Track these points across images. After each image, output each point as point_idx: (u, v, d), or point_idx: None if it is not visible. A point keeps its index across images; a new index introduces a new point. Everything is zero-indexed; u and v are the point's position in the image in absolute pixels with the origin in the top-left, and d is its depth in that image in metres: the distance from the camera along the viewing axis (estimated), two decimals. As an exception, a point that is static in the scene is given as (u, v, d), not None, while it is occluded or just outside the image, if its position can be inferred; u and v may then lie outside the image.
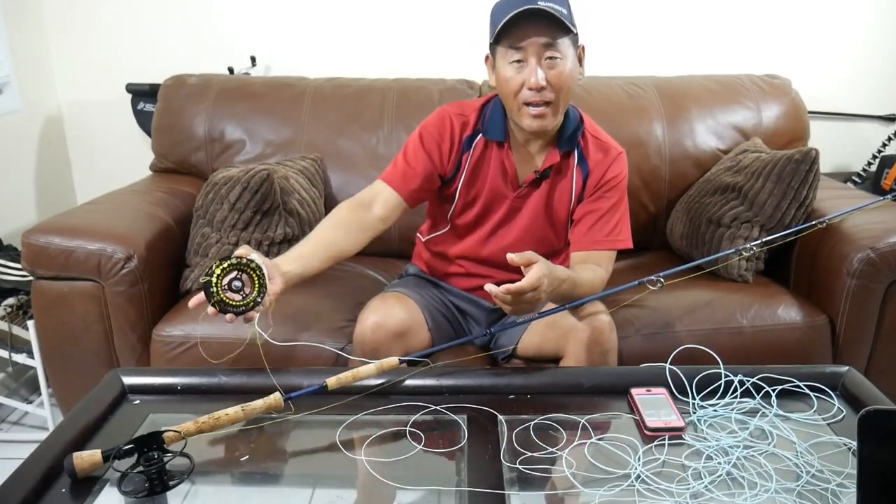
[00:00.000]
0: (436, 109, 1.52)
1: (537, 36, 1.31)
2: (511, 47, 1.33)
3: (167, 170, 2.19)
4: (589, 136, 1.49)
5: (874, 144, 2.41)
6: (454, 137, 1.48)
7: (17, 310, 1.95)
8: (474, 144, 1.48)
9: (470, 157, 1.48)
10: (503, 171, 1.48)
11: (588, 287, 1.38)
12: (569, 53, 1.35)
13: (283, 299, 1.72)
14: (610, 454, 1.02)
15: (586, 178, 1.48)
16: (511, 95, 1.37)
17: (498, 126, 1.46)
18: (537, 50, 1.32)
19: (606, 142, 1.51)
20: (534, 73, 1.32)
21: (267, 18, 2.38)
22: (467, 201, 1.52)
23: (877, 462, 0.77)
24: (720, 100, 2.14)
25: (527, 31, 1.31)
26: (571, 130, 1.46)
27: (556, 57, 1.33)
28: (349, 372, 1.14)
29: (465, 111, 1.50)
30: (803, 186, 1.73)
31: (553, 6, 1.30)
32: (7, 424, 2.08)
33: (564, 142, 1.45)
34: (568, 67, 1.35)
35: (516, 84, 1.35)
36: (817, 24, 2.38)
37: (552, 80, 1.33)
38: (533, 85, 1.33)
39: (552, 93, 1.34)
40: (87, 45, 2.40)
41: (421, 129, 1.50)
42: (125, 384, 1.18)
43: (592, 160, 1.47)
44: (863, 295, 1.63)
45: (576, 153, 1.48)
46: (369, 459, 1.02)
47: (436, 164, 1.48)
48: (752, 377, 1.17)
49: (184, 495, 0.95)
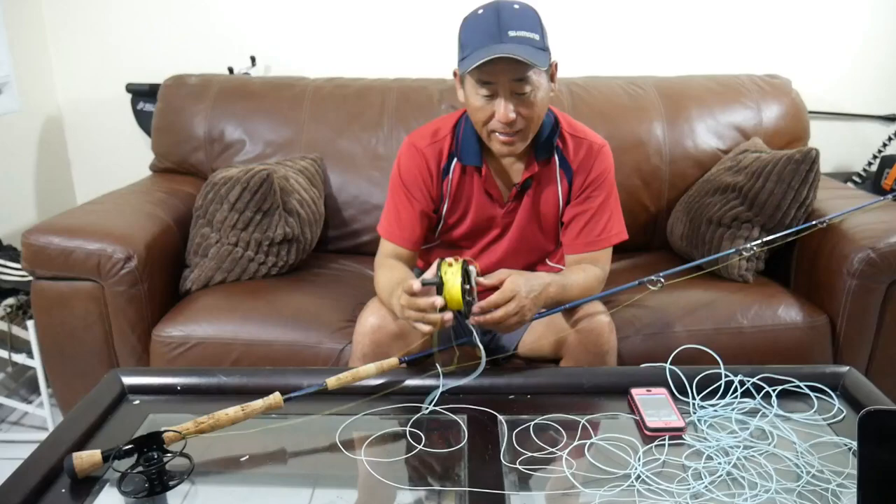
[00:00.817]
0: (404, 143, 1.49)
1: (508, 73, 1.26)
2: (480, 81, 1.29)
3: (167, 170, 2.19)
4: (567, 136, 1.46)
5: (874, 144, 2.41)
6: (431, 171, 1.46)
7: (17, 310, 1.95)
8: (452, 169, 1.47)
9: (450, 182, 1.47)
10: (487, 193, 1.47)
11: (580, 288, 1.37)
12: (541, 82, 1.30)
13: (284, 299, 1.73)
14: (610, 454, 1.02)
15: (571, 181, 1.46)
16: (480, 123, 1.35)
17: (472, 149, 1.43)
18: (507, 85, 1.28)
19: (585, 137, 1.47)
20: (503, 107, 1.28)
21: (267, 18, 2.38)
22: (453, 223, 1.52)
23: (877, 462, 0.77)
24: (720, 100, 2.14)
25: (496, 68, 1.25)
26: (546, 136, 1.42)
27: (528, 91, 1.28)
28: (349, 372, 1.14)
29: (437, 136, 1.47)
30: (803, 186, 1.73)
31: (524, 35, 1.25)
32: (7, 424, 2.08)
33: (541, 150, 1.43)
34: (539, 97, 1.31)
35: (485, 115, 1.32)
36: (817, 24, 2.38)
37: (523, 112, 1.30)
38: (502, 119, 1.29)
39: (522, 123, 1.32)
40: (87, 45, 2.40)
41: (399, 171, 1.48)
42: (125, 384, 1.18)
43: (575, 161, 1.45)
44: (863, 295, 1.63)
45: (556, 157, 1.45)
46: (369, 459, 1.02)
47: (424, 202, 1.47)
48: (753, 377, 1.17)
49: (184, 495, 0.95)
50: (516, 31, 1.25)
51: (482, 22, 1.28)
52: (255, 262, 1.82)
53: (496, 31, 1.25)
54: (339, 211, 2.09)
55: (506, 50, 1.23)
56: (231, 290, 1.77)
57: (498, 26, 1.25)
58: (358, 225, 2.09)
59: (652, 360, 1.26)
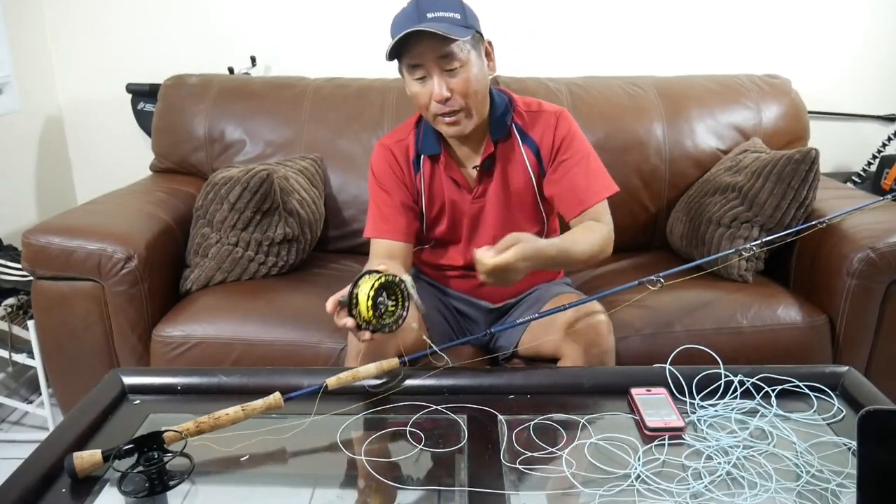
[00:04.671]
0: (374, 148, 1.53)
1: (430, 51, 1.30)
2: (410, 65, 1.34)
3: (167, 170, 2.19)
4: (523, 112, 1.47)
5: (874, 144, 2.41)
6: (401, 164, 1.49)
7: (18, 310, 1.95)
8: (422, 165, 1.49)
9: (422, 177, 1.49)
10: (453, 181, 1.49)
11: (586, 244, 1.35)
12: (471, 57, 1.33)
13: (284, 299, 1.73)
14: (610, 454, 1.02)
15: (538, 153, 1.47)
16: (423, 109, 1.38)
17: (431, 140, 1.46)
18: (435, 63, 1.31)
19: (541, 109, 1.48)
20: (436, 85, 1.32)
21: (267, 18, 2.38)
22: (433, 218, 1.53)
23: (877, 462, 0.77)
24: (720, 100, 2.14)
25: (419, 47, 1.30)
26: (499, 115, 1.44)
27: (456, 66, 1.31)
28: (349, 372, 1.14)
29: (402, 134, 1.51)
30: (803, 186, 1.73)
31: (443, 15, 1.28)
32: (7, 424, 2.08)
33: (496, 129, 1.45)
34: (472, 72, 1.33)
35: (425, 98, 1.35)
36: (817, 24, 2.38)
37: (456, 88, 1.33)
38: (437, 97, 1.33)
39: (461, 99, 1.34)
40: (87, 45, 2.40)
41: (373, 174, 1.51)
42: (125, 384, 1.18)
43: (536, 133, 1.46)
44: (863, 295, 1.63)
45: (517, 134, 1.46)
46: (369, 459, 1.02)
47: (402, 193, 1.49)
48: (752, 377, 1.17)
49: (184, 495, 0.95)
50: (434, 12, 1.29)
51: (403, 12, 1.33)
52: (256, 262, 1.83)
53: (415, 15, 1.29)
54: (339, 211, 2.09)
55: (422, 27, 1.26)
56: (231, 290, 1.77)
57: (416, 12, 1.29)
58: (358, 225, 2.09)
59: (651, 360, 1.26)
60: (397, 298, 1.12)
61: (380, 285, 1.09)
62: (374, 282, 1.09)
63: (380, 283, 1.09)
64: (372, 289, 1.08)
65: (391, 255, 1.47)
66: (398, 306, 1.12)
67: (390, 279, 1.11)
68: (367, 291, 1.08)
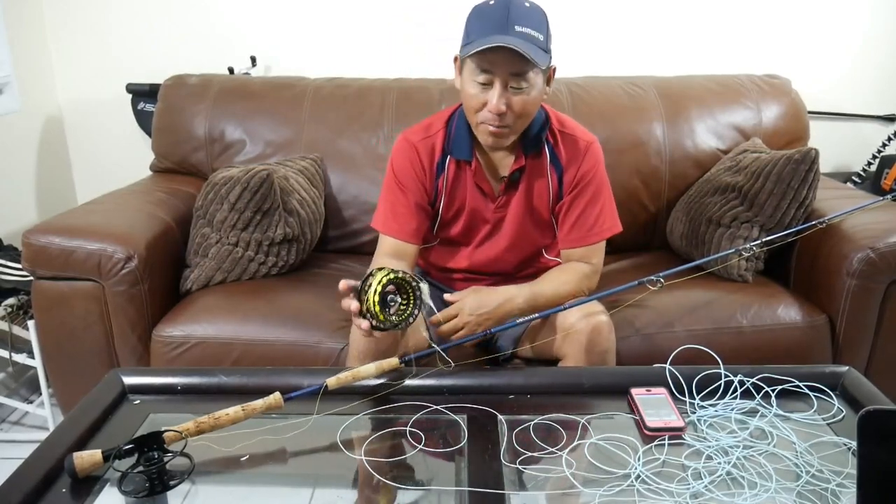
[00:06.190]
0: (397, 139, 1.51)
1: (507, 65, 1.28)
2: (479, 67, 1.31)
3: (167, 170, 2.19)
4: (557, 132, 1.47)
5: (874, 144, 2.41)
6: (424, 164, 1.47)
7: (18, 310, 1.95)
8: (447, 166, 1.48)
9: (445, 179, 1.48)
10: (479, 188, 1.48)
11: (552, 292, 1.41)
12: (537, 81, 1.33)
13: (284, 299, 1.73)
14: (610, 454, 1.02)
15: (561, 177, 1.47)
16: (472, 111, 1.37)
17: (464, 143, 1.45)
18: (505, 77, 1.30)
19: (574, 134, 1.48)
20: (496, 98, 1.30)
21: (267, 18, 2.38)
22: (448, 219, 1.53)
23: (877, 462, 0.77)
24: (720, 100, 2.14)
25: (497, 57, 1.28)
26: (535, 132, 1.44)
27: (524, 86, 1.31)
28: (349, 372, 1.14)
29: (430, 131, 1.49)
30: (803, 186, 1.73)
31: (529, 33, 1.27)
32: (7, 424, 2.08)
33: (529, 145, 1.44)
34: (533, 95, 1.33)
35: (478, 102, 1.34)
36: (817, 24, 2.38)
37: (514, 107, 1.32)
38: (493, 109, 1.31)
39: (512, 118, 1.33)
40: (87, 45, 2.40)
41: (392, 166, 1.49)
42: (125, 384, 1.18)
43: (564, 158, 1.47)
44: (863, 295, 1.63)
45: (547, 153, 1.47)
46: (369, 459, 1.02)
47: (418, 194, 1.48)
48: (752, 377, 1.17)
49: (184, 495, 0.95)
50: (523, 27, 1.27)
51: (492, 12, 1.30)
52: (256, 262, 1.83)
53: (504, 22, 1.27)
54: (339, 211, 2.09)
55: (510, 42, 1.25)
56: (231, 290, 1.77)
57: (507, 18, 1.27)
58: (358, 225, 2.09)
59: (651, 360, 1.26)
60: (409, 299, 1.14)
61: (393, 281, 1.11)
62: (390, 275, 1.10)
63: (395, 278, 1.11)
64: (380, 284, 1.09)
65: (398, 254, 1.47)
66: (408, 306, 1.13)
67: (407, 279, 1.12)
68: (378, 284, 1.09)
